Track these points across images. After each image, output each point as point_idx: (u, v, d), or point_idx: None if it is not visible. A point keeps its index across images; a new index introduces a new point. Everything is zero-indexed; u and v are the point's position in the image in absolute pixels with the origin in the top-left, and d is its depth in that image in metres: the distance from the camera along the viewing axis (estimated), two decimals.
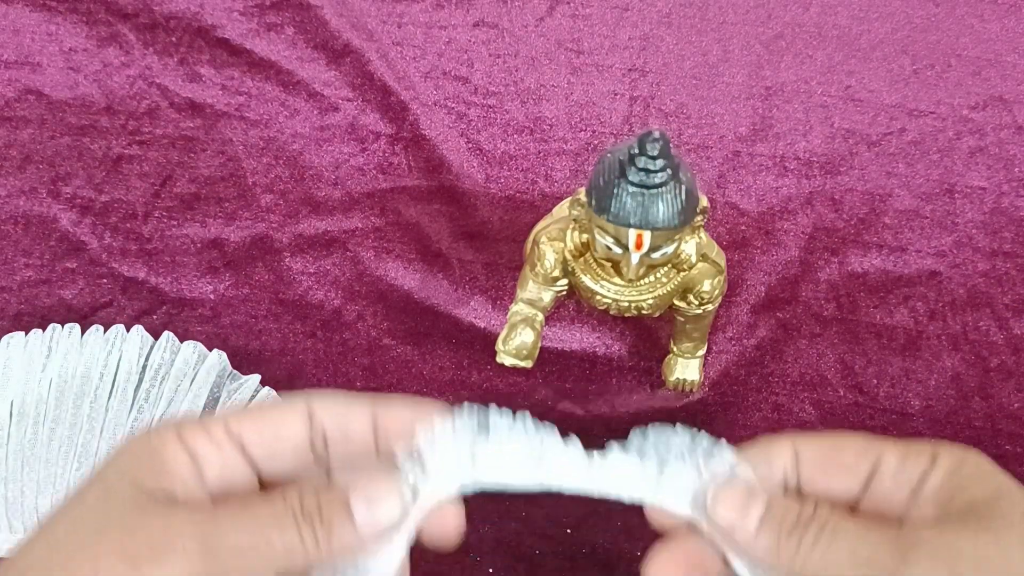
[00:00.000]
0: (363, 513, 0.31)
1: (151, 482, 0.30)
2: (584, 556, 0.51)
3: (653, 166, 0.37)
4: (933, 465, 0.31)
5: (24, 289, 0.55)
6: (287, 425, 0.33)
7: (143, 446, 0.31)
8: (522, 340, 0.47)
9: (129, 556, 0.28)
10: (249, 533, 0.30)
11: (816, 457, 0.33)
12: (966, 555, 0.28)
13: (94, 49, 0.59)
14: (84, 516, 0.30)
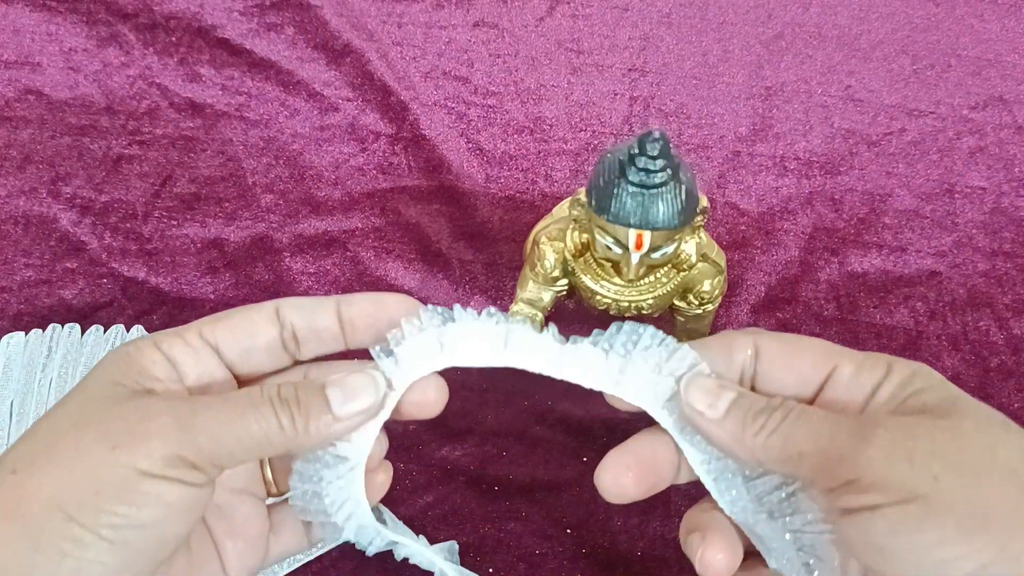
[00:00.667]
0: (339, 401, 0.32)
1: (130, 382, 0.31)
2: (584, 556, 0.51)
3: (653, 166, 0.37)
4: (887, 376, 0.32)
5: (24, 289, 0.55)
6: (258, 327, 0.34)
7: (121, 355, 0.32)
8: None
9: (108, 439, 0.29)
10: (225, 416, 0.31)
11: (775, 356, 0.34)
12: (923, 438, 0.29)
13: (94, 49, 0.59)
14: (65, 413, 0.31)
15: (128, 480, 0.29)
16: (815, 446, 0.30)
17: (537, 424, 0.54)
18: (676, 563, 0.51)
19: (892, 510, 0.28)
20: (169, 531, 0.30)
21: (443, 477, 0.53)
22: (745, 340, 0.34)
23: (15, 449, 0.30)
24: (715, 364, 0.34)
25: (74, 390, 0.32)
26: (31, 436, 0.30)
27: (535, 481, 0.52)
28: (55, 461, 0.29)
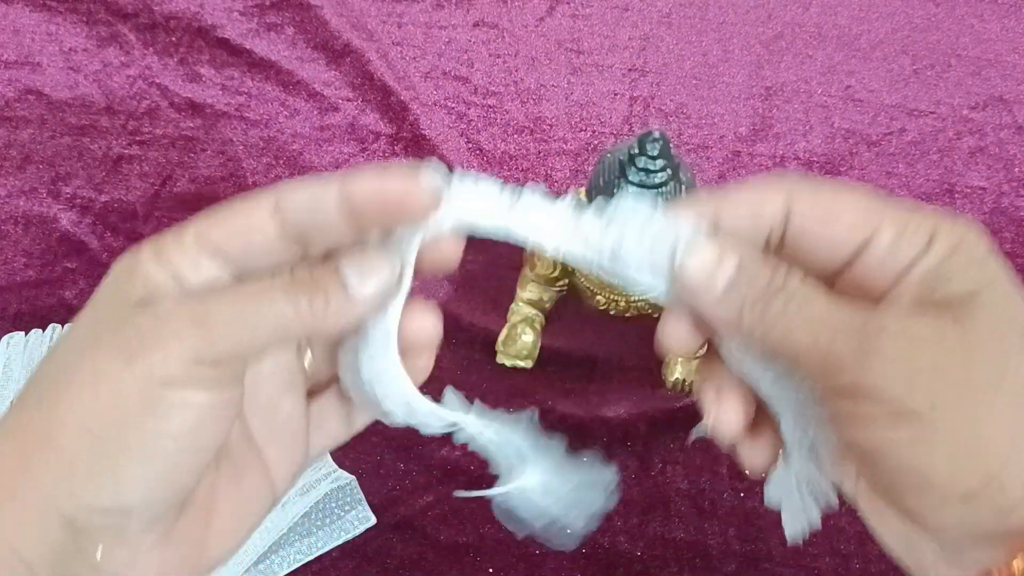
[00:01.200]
0: (355, 281, 0.31)
1: (136, 295, 0.30)
2: (584, 556, 0.51)
3: (653, 166, 0.37)
4: (927, 249, 0.29)
5: (24, 289, 0.55)
6: (256, 220, 0.31)
7: (122, 268, 0.31)
8: (522, 340, 0.47)
9: (123, 353, 0.28)
10: (238, 307, 0.29)
11: (808, 217, 0.31)
12: (928, 354, 0.27)
13: (94, 49, 0.59)
14: (78, 335, 0.30)
15: (150, 393, 0.28)
16: (814, 347, 0.28)
17: None
18: (676, 563, 0.51)
19: (885, 426, 0.27)
20: (203, 438, 0.30)
21: (443, 477, 0.53)
22: (776, 196, 0.31)
23: (37, 380, 0.30)
24: (740, 223, 0.31)
25: (83, 311, 0.31)
26: (49, 363, 0.30)
27: None
28: (76, 385, 0.29)
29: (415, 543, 0.52)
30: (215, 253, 0.30)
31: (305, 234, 0.31)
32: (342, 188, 0.30)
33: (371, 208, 0.31)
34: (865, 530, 0.54)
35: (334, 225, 0.31)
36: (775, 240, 0.31)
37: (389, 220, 0.31)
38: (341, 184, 0.30)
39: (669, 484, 0.51)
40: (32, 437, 0.28)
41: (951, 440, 0.26)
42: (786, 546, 0.51)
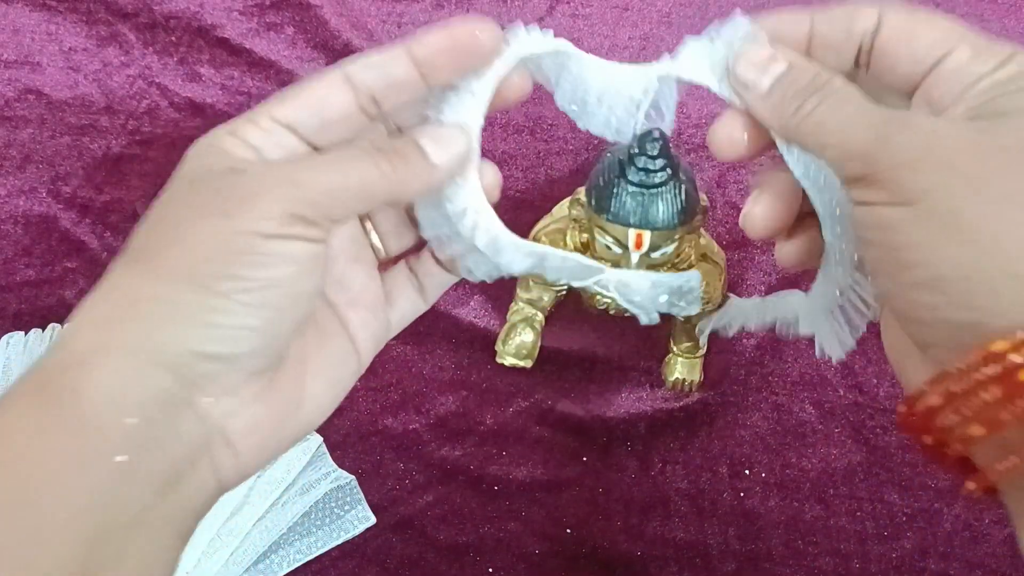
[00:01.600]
0: (433, 149, 0.33)
1: (218, 165, 0.32)
2: (584, 556, 0.51)
3: (653, 166, 0.37)
4: (998, 67, 0.30)
5: (24, 289, 0.55)
6: (329, 97, 0.33)
7: (203, 147, 0.33)
8: (522, 340, 0.47)
9: (222, 210, 0.30)
10: (329, 168, 0.32)
11: (894, 30, 0.33)
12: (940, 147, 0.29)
13: (94, 49, 0.59)
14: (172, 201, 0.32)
15: (253, 244, 0.30)
16: (841, 137, 0.31)
17: (537, 424, 0.54)
18: (676, 563, 0.51)
19: (882, 210, 0.29)
20: (301, 287, 0.32)
21: (443, 477, 0.53)
22: (870, 11, 0.33)
23: (137, 242, 0.31)
24: (834, 33, 0.33)
25: (166, 188, 0.32)
26: (148, 227, 0.31)
27: (535, 481, 0.52)
28: (180, 241, 0.30)
29: (415, 543, 0.52)
30: (290, 129, 0.33)
31: (378, 97, 0.33)
32: (411, 46, 0.33)
33: (441, 58, 0.33)
34: (865, 530, 0.54)
35: (406, 82, 0.33)
36: (865, 56, 0.33)
37: (459, 66, 0.34)
38: (408, 43, 0.33)
39: (669, 484, 0.51)
40: (138, 290, 0.29)
41: (933, 226, 0.28)
42: (786, 546, 0.51)
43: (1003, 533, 0.49)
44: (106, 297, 0.30)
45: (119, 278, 0.30)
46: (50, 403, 0.28)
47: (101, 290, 0.30)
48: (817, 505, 0.51)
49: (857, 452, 0.52)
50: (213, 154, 0.33)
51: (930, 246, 0.28)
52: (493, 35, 0.34)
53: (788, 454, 0.52)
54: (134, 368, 0.29)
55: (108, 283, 0.30)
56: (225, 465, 0.32)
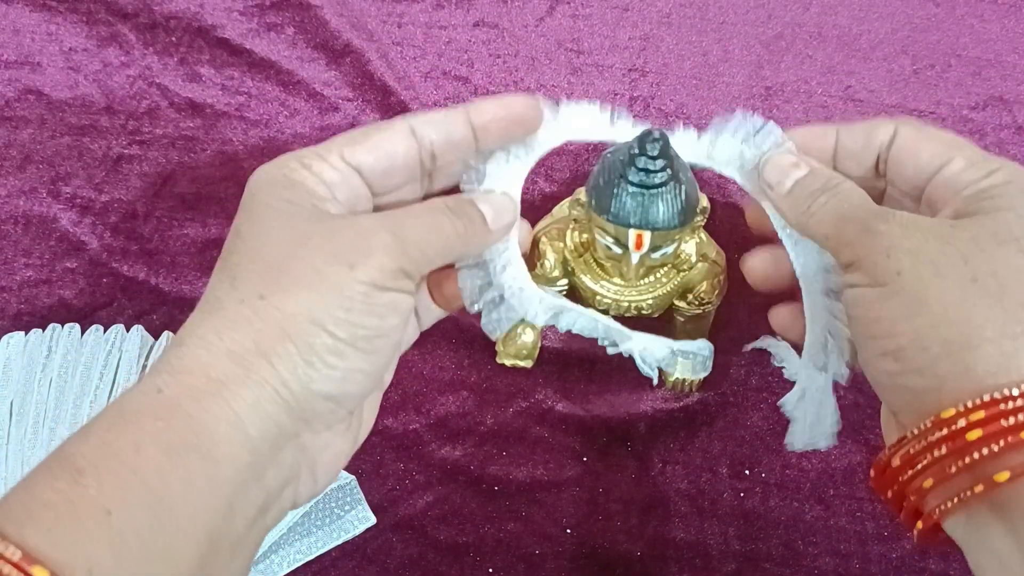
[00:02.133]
0: (491, 217, 0.37)
1: (306, 203, 0.34)
2: (584, 556, 0.51)
3: (653, 166, 0.37)
4: (985, 176, 0.34)
5: (24, 289, 0.55)
6: (397, 145, 0.37)
7: (279, 178, 0.35)
8: (522, 340, 0.47)
9: (343, 259, 0.32)
10: (425, 227, 0.35)
11: (905, 142, 0.37)
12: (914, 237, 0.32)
13: (94, 49, 0.59)
14: (271, 234, 0.33)
15: (370, 295, 0.32)
16: (837, 228, 0.35)
17: (537, 424, 0.54)
18: (676, 563, 0.51)
19: (861, 290, 0.33)
20: (400, 336, 0.35)
21: (443, 477, 0.53)
22: (888, 126, 0.38)
23: (240, 273, 0.33)
24: (855, 145, 0.39)
25: (247, 213, 0.34)
26: (251, 259, 0.33)
27: (535, 481, 0.52)
28: (302, 283, 0.32)
29: (415, 543, 0.52)
30: (357, 170, 0.36)
31: (436, 152, 0.37)
32: (469, 110, 0.37)
33: (495, 125, 0.38)
34: (865, 530, 0.54)
35: (462, 141, 0.37)
36: (882, 164, 0.38)
37: (509, 136, 0.39)
38: (468, 109, 0.37)
39: (669, 484, 0.51)
40: (267, 328, 0.31)
41: (899, 303, 0.32)
42: (786, 546, 0.51)
43: None
44: (232, 326, 0.32)
45: (242, 313, 0.32)
46: (183, 428, 0.30)
47: (222, 316, 0.32)
48: (817, 505, 0.51)
49: (857, 452, 0.52)
50: (295, 190, 0.34)
51: (894, 320, 0.32)
52: (539, 110, 0.39)
53: (788, 454, 0.52)
54: (259, 403, 0.31)
55: (226, 312, 0.32)
56: (304, 490, 0.34)
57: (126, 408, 0.30)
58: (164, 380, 0.31)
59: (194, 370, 0.31)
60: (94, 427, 0.29)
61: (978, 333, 0.30)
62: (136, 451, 0.28)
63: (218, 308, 0.32)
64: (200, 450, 0.29)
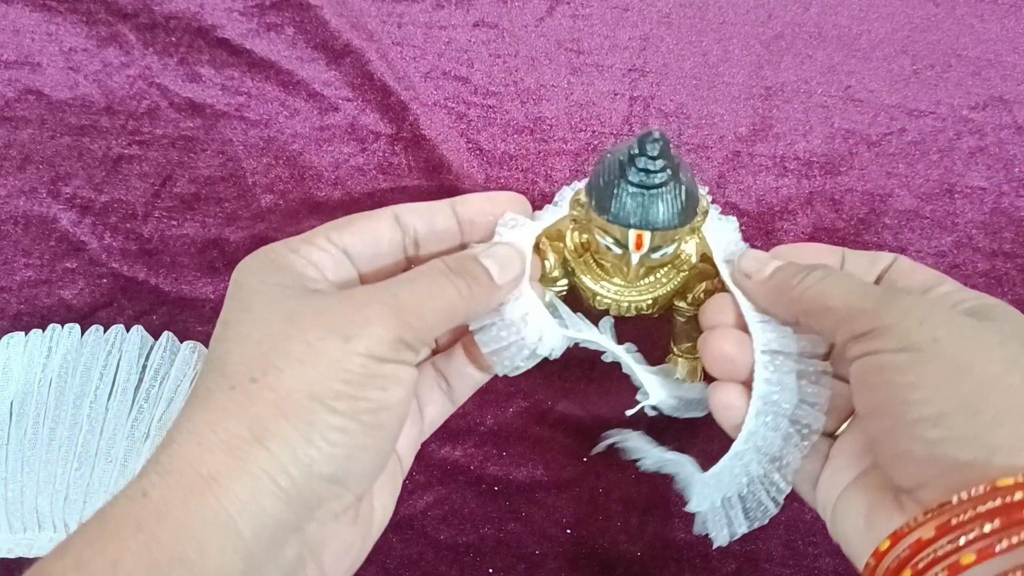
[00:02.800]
0: (496, 271, 0.37)
1: (295, 284, 0.34)
2: (584, 556, 0.51)
3: (653, 166, 0.37)
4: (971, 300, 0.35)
5: (24, 289, 0.55)
6: (382, 232, 0.37)
7: (265, 263, 0.34)
8: None
9: (337, 333, 0.31)
10: (422, 293, 0.34)
11: (901, 271, 0.39)
12: (939, 312, 0.32)
13: (94, 49, 0.59)
14: (258, 318, 0.32)
15: (370, 367, 0.31)
16: (844, 302, 0.35)
17: (537, 424, 0.54)
18: (676, 563, 0.51)
19: (889, 356, 0.32)
20: (404, 409, 0.33)
21: (443, 477, 0.53)
22: (888, 256, 0.40)
23: (231, 360, 0.31)
24: (859, 268, 0.40)
25: (235, 301, 0.33)
26: (240, 345, 0.32)
27: (535, 481, 0.52)
28: (296, 360, 0.30)
29: (415, 543, 0.52)
30: (345, 253, 0.36)
31: (420, 241, 0.38)
32: (455, 203, 0.38)
33: (482, 219, 0.39)
34: None
35: (446, 232, 0.38)
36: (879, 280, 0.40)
37: (490, 229, 0.39)
38: (455, 202, 0.38)
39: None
40: (261, 412, 0.30)
41: (940, 367, 0.30)
42: (786, 546, 0.51)
43: None
44: (224, 416, 0.30)
45: (235, 400, 0.30)
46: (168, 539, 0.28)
47: (213, 407, 0.30)
48: None
49: None
50: (283, 272, 0.34)
51: (937, 385, 0.30)
52: (526, 206, 0.40)
53: None
54: (254, 498, 0.29)
55: (221, 405, 0.30)
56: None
57: (108, 519, 0.28)
58: (151, 481, 0.29)
59: (184, 468, 0.29)
60: (74, 542, 0.27)
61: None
62: (113, 571, 0.26)
63: (208, 399, 0.30)
64: (186, 563, 0.27)
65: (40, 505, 0.47)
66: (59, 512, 0.47)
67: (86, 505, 0.47)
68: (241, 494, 0.28)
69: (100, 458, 0.48)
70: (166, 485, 0.28)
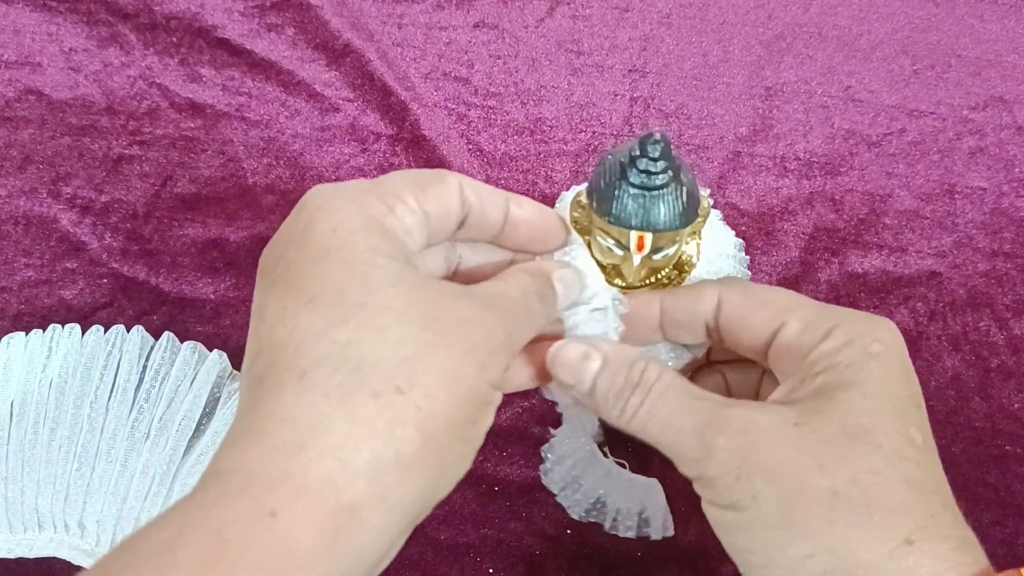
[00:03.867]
0: (563, 291, 0.36)
1: (404, 259, 0.30)
2: (584, 556, 0.51)
3: (654, 168, 0.37)
4: (825, 338, 0.33)
5: (24, 289, 0.55)
6: (452, 200, 0.34)
7: (368, 221, 0.30)
8: None
9: (474, 356, 0.29)
10: (523, 312, 0.33)
11: (734, 310, 0.36)
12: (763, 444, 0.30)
13: (95, 49, 0.59)
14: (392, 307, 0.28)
15: (491, 396, 0.30)
16: (670, 439, 0.33)
17: (537, 424, 0.54)
18: (676, 563, 0.51)
19: (719, 511, 0.31)
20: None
21: None
22: (711, 292, 0.36)
23: (368, 355, 0.27)
24: (680, 314, 0.37)
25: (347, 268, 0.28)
26: (374, 337, 0.27)
27: (535, 481, 0.52)
28: (441, 380, 0.28)
29: (415, 543, 0.52)
30: (427, 217, 0.33)
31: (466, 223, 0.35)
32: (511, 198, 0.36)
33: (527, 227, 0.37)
34: None
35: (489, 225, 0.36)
36: (713, 332, 0.36)
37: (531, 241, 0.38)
38: (510, 196, 0.36)
39: (669, 484, 0.51)
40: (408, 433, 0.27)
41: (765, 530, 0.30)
42: None
43: (1002, 533, 0.49)
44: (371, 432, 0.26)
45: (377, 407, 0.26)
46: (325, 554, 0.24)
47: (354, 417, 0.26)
48: None
49: None
50: (388, 239, 0.30)
51: (765, 550, 0.30)
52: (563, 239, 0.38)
53: None
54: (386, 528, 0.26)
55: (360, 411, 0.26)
56: None
57: (227, 539, 0.23)
58: (282, 500, 0.24)
59: (323, 491, 0.25)
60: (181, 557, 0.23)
61: (855, 557, 0.28)
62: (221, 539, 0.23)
63: (347, 402, 0.26)
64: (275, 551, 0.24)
65: (40, 505, 0.47)
66: (59, 512, 0.47)
67: (86, 505, 0.47)
68: (375, 527, 0.26)
69: (100, 458, 0.48)
70: (300, 509, 0.24)
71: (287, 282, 0.29)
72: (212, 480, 0.26)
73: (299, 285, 0.28)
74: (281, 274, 0.29)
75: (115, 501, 0.47)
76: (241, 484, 0.25)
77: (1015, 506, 0.49)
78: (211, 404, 0.50)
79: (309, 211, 0.30)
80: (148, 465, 0.48)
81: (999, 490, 0.50)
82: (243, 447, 0.26)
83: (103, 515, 0.47)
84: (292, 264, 0.29)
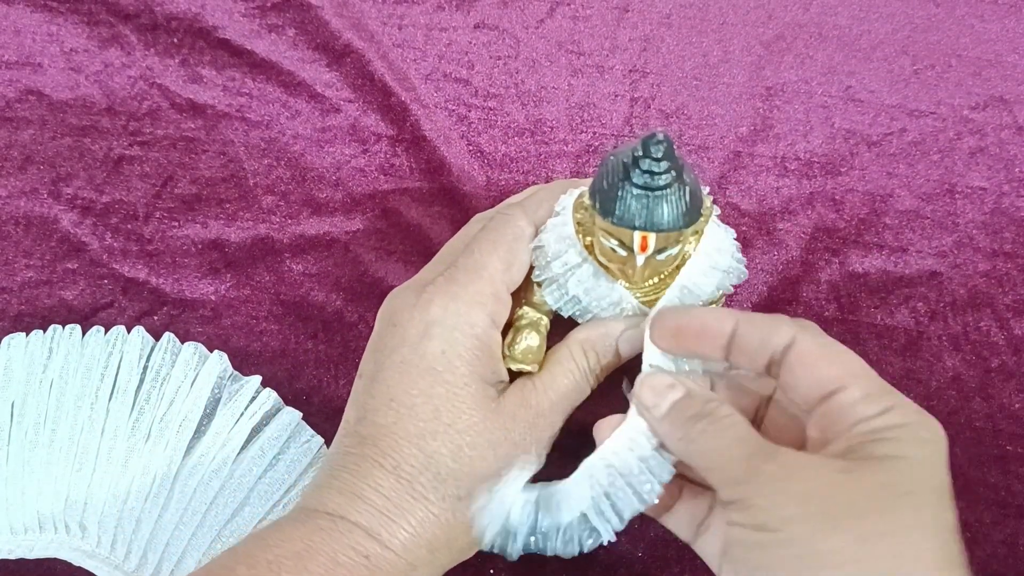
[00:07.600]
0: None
1: (492, 379, 0.41)
2: (584, 556, 0.51)
3: (657, 168, 0.37)
4: (881, 414, 0.33)
5: (25, 290, 0.55)
6: (527, 255, 0.43)
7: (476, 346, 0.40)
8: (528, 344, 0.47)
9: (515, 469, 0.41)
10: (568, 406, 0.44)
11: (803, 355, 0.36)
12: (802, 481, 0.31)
13: (95, 50, 0.59)
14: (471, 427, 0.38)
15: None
16: (719, 462, 0.34)
17: None
18: (677, 564, 0.51)
19: (746, 532, 0.32)
20: None
21: None
22: (788, 329, 0.36)
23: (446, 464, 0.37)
24: (754, 340, 0.37)
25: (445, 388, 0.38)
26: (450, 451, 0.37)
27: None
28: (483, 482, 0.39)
29: None
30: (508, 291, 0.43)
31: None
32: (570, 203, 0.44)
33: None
34: None
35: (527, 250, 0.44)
36: (775, 368, 0.37)
37: None
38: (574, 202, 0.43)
39: None
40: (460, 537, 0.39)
41: (792, 554, 0.30)
42: None
43: (1003, 534, 0.49)
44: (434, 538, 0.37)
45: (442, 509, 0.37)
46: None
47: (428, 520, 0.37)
48: None
49: None
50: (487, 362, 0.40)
51: (788, 572, 0.30)
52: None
53: None
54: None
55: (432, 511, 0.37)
56: None
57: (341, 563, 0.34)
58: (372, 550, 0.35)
59: (399, 552, 0.36)
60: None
61: None
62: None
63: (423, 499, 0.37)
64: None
65: (41, 506, 0.47)
66: (60, 513, 0.47)
67: (87, 507, 0.47)
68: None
69: (101, 459, 0.48)
70: (384, 561, 0.35)
71: (399, 379, 0.38)
72: (324, 518, 0.35)
73: (407, 388, 0.37)
74: (396, 365, 0.38)
75: (116, 502, 0.47)
76: (347, 529, 0.35)
77: (1015, 506, 0.49)
78: (211, 405, 0.50)
79: (427, 322, 0.38)
80: (149, 466, 0.48)
81: (999, 490, 0.50)
82: (349, 498, 0.36)
83: (104, 516, 0.47)
84: (407, 364, 0.38)
